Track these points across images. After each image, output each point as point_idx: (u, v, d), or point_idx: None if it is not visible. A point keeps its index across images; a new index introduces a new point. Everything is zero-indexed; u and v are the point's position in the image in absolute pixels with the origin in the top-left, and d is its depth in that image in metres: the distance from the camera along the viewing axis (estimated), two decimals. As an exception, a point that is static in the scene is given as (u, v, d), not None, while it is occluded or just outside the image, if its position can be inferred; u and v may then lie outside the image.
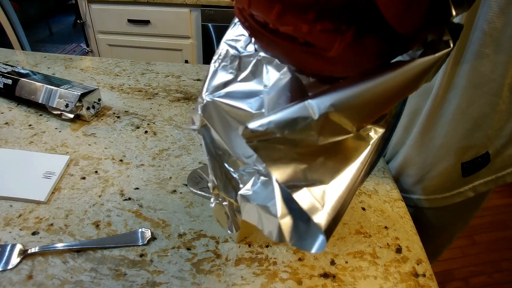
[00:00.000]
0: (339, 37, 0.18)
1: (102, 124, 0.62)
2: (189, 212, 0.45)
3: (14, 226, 0.42)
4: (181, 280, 0.37)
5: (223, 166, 0.27)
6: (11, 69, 0.68)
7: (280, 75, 0.24)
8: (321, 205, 0.19)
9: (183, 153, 0.56)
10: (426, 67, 0.18)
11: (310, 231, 0.20)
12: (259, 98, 0.25)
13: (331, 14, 0.17)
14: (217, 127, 0.27)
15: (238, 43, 0.27)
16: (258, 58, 0.25)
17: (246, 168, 0.25)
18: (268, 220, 0.21)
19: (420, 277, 0.39)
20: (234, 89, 0.26)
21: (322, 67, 0.21)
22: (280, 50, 0.22)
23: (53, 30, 2.65)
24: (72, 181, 0.49)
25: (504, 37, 0.37)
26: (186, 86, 0.76)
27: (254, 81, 0.26)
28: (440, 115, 0.45)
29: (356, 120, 0.20)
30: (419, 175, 0.52)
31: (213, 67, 0.27)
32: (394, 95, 0.19)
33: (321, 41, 0.18)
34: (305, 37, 0.18)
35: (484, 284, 1.31)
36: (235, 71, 0.26)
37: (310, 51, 0.20)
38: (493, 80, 0.40)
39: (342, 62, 0.20)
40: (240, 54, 0.26)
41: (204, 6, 1.56)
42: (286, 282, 0.38)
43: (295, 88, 0.23)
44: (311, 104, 0.19)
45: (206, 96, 0.27)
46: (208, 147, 0.28)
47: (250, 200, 0.23)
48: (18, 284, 0.36)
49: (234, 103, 0.25)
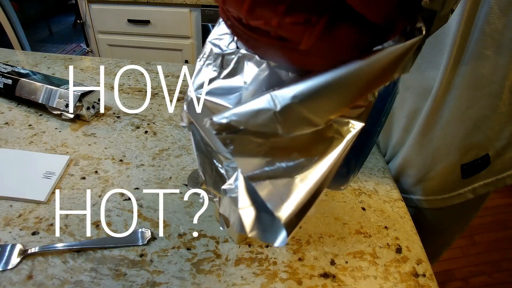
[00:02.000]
0: (309, 29, 0.17)
1: (102, 124, 0.62)
2: (189, 212, 0.45)
3: (14, 226, 0.42)
4: (181, 280, 0.37)
5: (213, 163, 0.28)
6: (11, 69, 0.68)
7: (259, 71, 0.24)
8: (284, 198, 0.19)
9: (183, 153, 0.56)
10: (397, 56, 0.18)
11: (275, 224, 0.20)
12: (239, 95, 0.25)
13: (301, 6, 0.17)
14: (200, 123, 0.27)
15: (221, 42, 0.27)
16: (239, 55, 0.26)
17: (229, 163, 0.26)
18: (233, 211, 0.22)
19: (420, 277, 0.39)
20: (217, 85, 0.27)
21: (298, 61, 0.21)
22: (258, 46, 0.22)
23: (53, 30, 2.65)
24: (72, 181, 0.49)
25: (504, 38, 0.37)
26: (186, 86, 0.76)
27: (235, 77, 0.26)
28: (439, 116, 0.45)
29: (322, 113, 0.19)
30: (418, 175, 0.52)
31: (198, 66, 0.28)
32: (364, 85, 0.19)
33: (292, 34, 0.18)
34: (276, 30, 0.18)
35: (484, 284, 1.31)
36: (218, 69, 0.27)
37: (284, 46, 0.19)
38: (493, 82, 0.40)
39: (316, 55, 0.19)
40: (223, 52, 0.27)
41: (204, 6, 1.56)
42: (286, 282, 0.38)
43: (273, 84, 0.23)
44: (274, 96, 0.19)
45: (190, 93, 0.27)
46: (197, 144, 0.28)
47: (228, 193, 0.24)
48: (18, 284, 0.36)
49: (215, 100, 0.26)
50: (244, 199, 0.21)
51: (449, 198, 0.51)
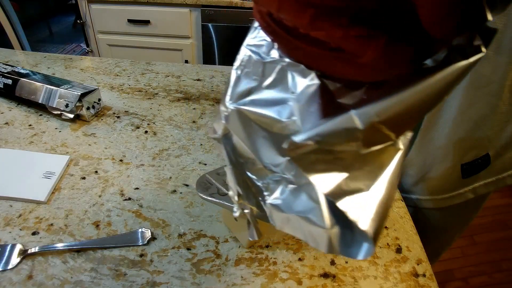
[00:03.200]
0: (373, 43, 0.17)
1: (102, 124, 0.62)
2: (189, 212, 0.45)
3: (14, 226, 0.42)
4: (181, 280, 0.37)
5: (244, 174, 0.27)
6: (11, 69, 0.68)
7: (308, 82, 0.23)
8: (366, 212, 0.20)
9: (183, 153, 0.56)
10: (460, 73, 0.18)
11: (355, 239, 0.20)
12: (287, 106, 0.24)
13: (364, 19, 0.17)
14: (241, 135, 0.26)
15: (260, 49, 0.26)
16: (282, 64, 0.25)
17: (273, 176, 0.25)
18: (315, 231, 0.21)
19: (420, 277, 0.39)
20: (259, 96, 0.25)
21: (350, 72, 0.21)
22: (306, 56, 0.22)
23: (53, 30, 2.65)
24: (72, 181, 0.49)
25: (504, 38, 0.37)
26: (186, 86, 0.76)
27: (279, 87, 0.25)
28: (440, 116, 0.45)
29: (398, 128, 0.20)
30: (419, 175, 0.52)
31: (235, 74, 0.26)
32: (432, 101, 0.20)
33: (353, 47, 0.18)
34: (338, 42, 0.18)
35: (484, 284, 1.31)
36: (259, 78, 0.26)
37: (339, 57, 0.20)
38: (493, 82, 0.40)
39: (373, 68, 0.20)
40: (264, 60, 0.25)
41: (204, 6, 1.56)
42: (286, 282, 0.38)
43: (324, 95, 0.23)
44: (355, 114, 0.19)
45: (230, 104, 0.26)
46: (229, 156, 0.27)
47: (285, 210, 0.23)
48: (18, 284, 0.36)
49: (260, 111, 0.25)
50: (328, 218, 0.21)
51: (449, 198, 0.51)
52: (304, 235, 0.22)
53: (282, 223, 0.24)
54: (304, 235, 0.22)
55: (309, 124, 0.21)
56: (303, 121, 0.22)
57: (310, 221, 0.21)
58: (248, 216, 0.27)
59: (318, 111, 0.22)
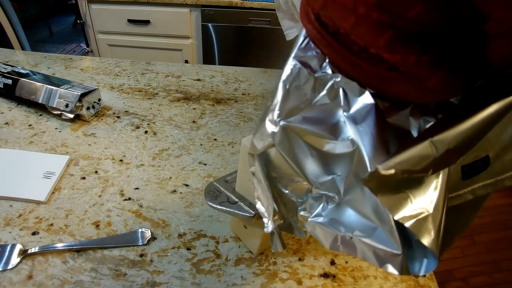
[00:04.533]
0: (441, 69, 0.18)
1: (102, 124, 0.62)
2: (189, 212, 0.45)
3: (14, 226, 0.42)
4: (181, 280, 0.37)
5: (275, 187, 0.27)
6: (11, 69, 0.68)
7: (363, 101, 0.23)
8: (432, 232, 0.21)
9: (183, 153, 0.56)
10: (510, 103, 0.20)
11: (415, 255, 0.22)
12: (341, 124, 0.24)
13: (432, 46, 0.18)
14: (287, 152, 0.25)
15: (312, 62, 0.25)
16: (335, 79, 0.24)
17: (312, 194, 0.26)
18: (382, 253, 0.22)
19: (420, 277, 0.39)
20: (310, 114, 0.25)
21: (408, 93, 0.22)
22: (362, 72, 0.22)
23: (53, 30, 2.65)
24: (72, 181, 0.49)
25: None
26: (186, 86, 0.76)
27: (331, 104, 0.24)
28: (440, 116, 0.46)
29: (463, 153, 0.22)
30: (419, 175, 0.52)
31: (284, 87, 0.25)
32: (489, 127, 0.21)
33: (422, 72, 0.19)
34: (409, 66, 0.19)
35: (484, 284, 1.31)
36: (309, 93, 0.25)
37: (398, 78, 0.20)
38: None
39: (433, 91, 0.20)
40: (315, 74, 0.25)
41: (204, 6, 1.56)
42: (286, 282, 0.38)
43: (378, 115, 0.23)
44: (434, 142, 0.20)
45: (279, 120, 0.25)
46: (264, 171, 0.27)
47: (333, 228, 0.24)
48: (18, 284, 0.36)
49: (313, 129, 0.24)
50: (400, 244, 0.21)
51: (449, 199, 0.51)
52: (363, 254, 0.23)
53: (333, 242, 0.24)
54: (363, 255, 0.23)
55: (369, 146, 0.22)
56: (362, 142, 0.22)
57: (376, 243, 0.22)
58: (274, 230, 0.27)
59: (376, 133, 0.22)
